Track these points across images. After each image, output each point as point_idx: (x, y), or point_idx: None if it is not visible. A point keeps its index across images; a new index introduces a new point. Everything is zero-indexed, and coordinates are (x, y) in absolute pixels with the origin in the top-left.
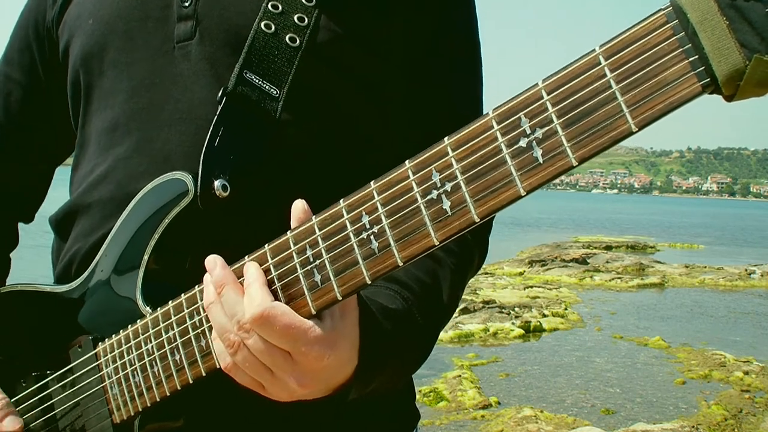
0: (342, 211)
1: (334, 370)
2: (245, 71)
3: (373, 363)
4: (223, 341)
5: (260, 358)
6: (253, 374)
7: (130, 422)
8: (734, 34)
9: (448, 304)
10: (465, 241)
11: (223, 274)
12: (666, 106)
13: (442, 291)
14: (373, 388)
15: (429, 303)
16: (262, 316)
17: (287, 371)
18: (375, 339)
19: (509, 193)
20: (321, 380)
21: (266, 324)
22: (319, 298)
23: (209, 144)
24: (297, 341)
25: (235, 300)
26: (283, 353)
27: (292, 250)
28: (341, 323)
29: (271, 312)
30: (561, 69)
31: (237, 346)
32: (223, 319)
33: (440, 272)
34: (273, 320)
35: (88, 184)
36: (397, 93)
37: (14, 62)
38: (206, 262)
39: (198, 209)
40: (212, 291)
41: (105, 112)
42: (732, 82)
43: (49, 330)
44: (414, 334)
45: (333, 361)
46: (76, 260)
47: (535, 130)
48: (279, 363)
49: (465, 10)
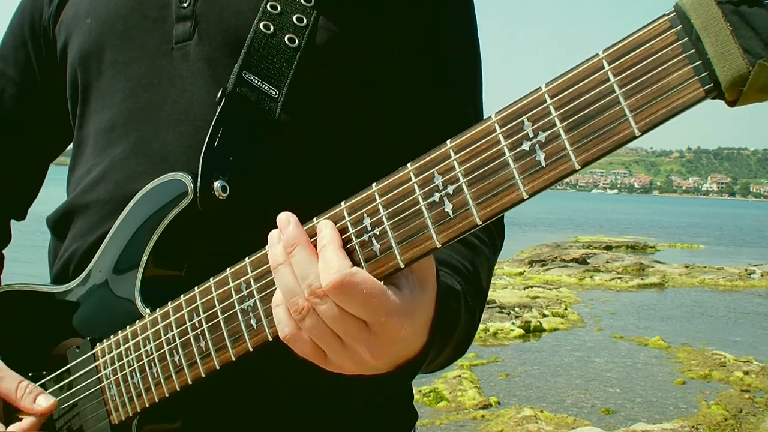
0: (343, 212)
1: (407, 342)
2: (244, 72)
3: (440, 341)
4: (290, 306)
5: (331, 326)
6: (321, 342)
7: (128, 423)
8: (738, 39)
9: (485, 292)
10: (489, 230)
11: (296, 233)
12: (669, 111)
13: (481, 279)
14: (433, 367)
15: (475, 289)
16: (343, 282)
17: (361, 341)
18: (446, 317)
19: (512, 196)
20: (393, 352)
21: (346, 291)
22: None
23: (208, 145)
24: (378, 310)
25: (308, 261)
26: (358, 322)
27: None
28: (421, 295)
29: (352, 279)
30: (564, 73)
31: (306, 312)
32: (292, 282)
33: (477, 260)
34: (353, 288)
35: (86, 185)
36: (396, 92)
37: (9, 59)
38: (279, 220)
39: (197, 210)
40: (281, 251)
41: (103, 112)
42: (735, 87)
43: (47, 330)
44: (468, 318)
45: (409, 332)
46: (73, 260)
47: (538, 133)
48: (353, 332)
49: (462, 8)
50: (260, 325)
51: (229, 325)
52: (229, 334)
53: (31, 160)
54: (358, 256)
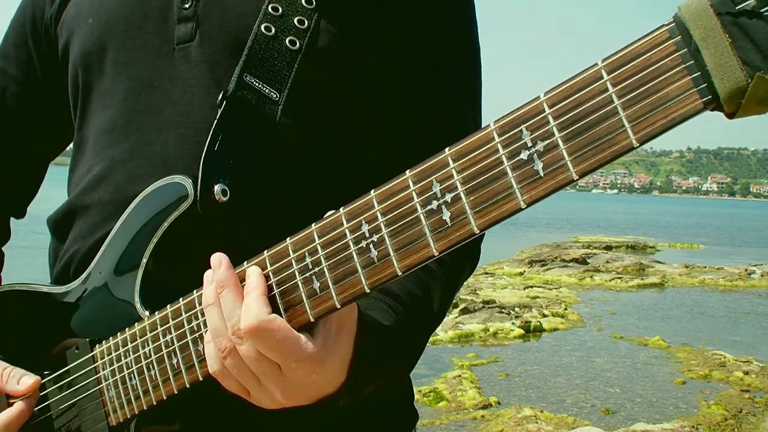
0: (342, 219)
1: (320, 385)
2: (245, 74)
3: (361, 378)
4: (216, 344)
5: (250, 366)
6: (241, 380)
7: (126, 425)
8: (737, 51)
9: (438, 314)
10: (456, 252)
11: (226, 276)
12: (667, 122)
13: (432, 303)
14: (359, 394)
15: (419, 316)
16: (258, 328)
17: (274, 382)
18: (366, 359)
19: (510, 205)
20: (305, 393)
21: (260, 336)
22: (317, 305)
23: (209, 148)
24: (288, 356)
25: (233, 304)
26: (272, 364)
27: (291, 257)
28: (335, 341)
29: (267, 326)
30: (563, 82)
31: (228, 351)
32: (219, 322)
33: (432, 284)
34: (267, 333)
35: (86, 185)
36: (396, 94)
37: (10, 57)
38: (211, 260)
39: (197, 213)
40: (212, 291)
41: (103, 112)
42: (734, 99)
43: (46, 331)
44: (403, 349)
45: (320, 377)
46: (74, 261)
47: (537, 143)
48: (267, 373)
49: (462, 8)
50: None
51: None
52: None
53: (32, 158)
54: (356, 262)
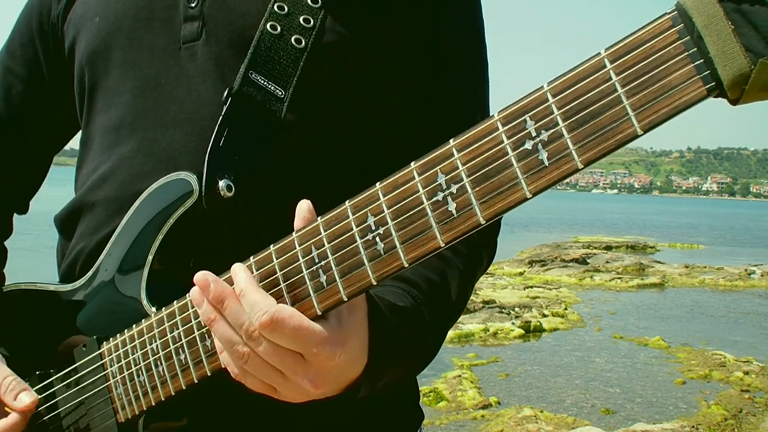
0: (348, 212)
1: (345, 367)
2: (251, 72)
3: (382, 359)
4: (232, 354)
5: (271, 362)
6: (265, 379)
7: (134, 421)
8: (739, 38)
9: (456, 303)
10: (473, 242)
11: (221, 290)
12: (671, 110)
13: (450, 290)
14: (382, 384)
15: (437, 301)
16: (272, 320)
17: (299, 373)
18: (384, 336)
19: (515, 195)
20: (333, 379)
21: (275, 328)
22: (325, 299)
23: (214, 144)
24: (308, 342)
25: (239, 311)
26: (294, 355)
27: (297, 250)
28: (349, 321)
29: (279, 315)
30: (566, 72)
31: (247, 356)
32: (230, 333)
33: (449, 272)
34: (281, 323)
35: (93, 183)
36: (401, 92)
37: (17, 55)
38: (197, 281)
39: (202, 209)
40: (210, 308)
41: (110, 111)
42: (737, 86)
43: (53, 329)
44: (422, 331)
45: (344, 359)
46: (80, 259)
47: (541, 132)
48: (290, 365)
49: (467, 7)
50: None
51: None
52: None
53: (35, 155)
54: (363, 255)
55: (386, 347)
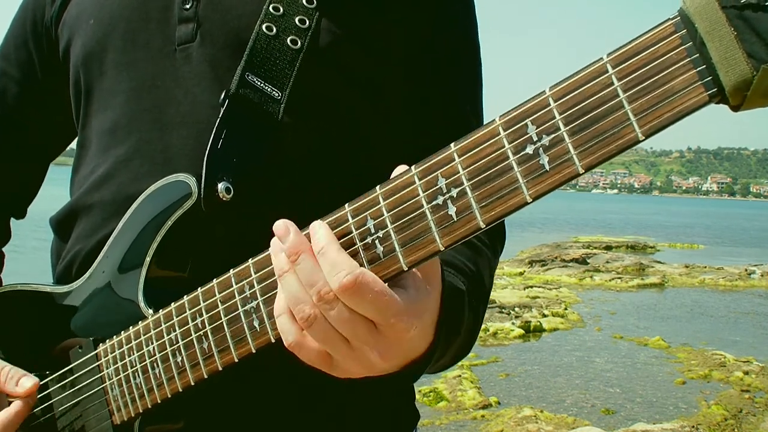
0: (347, 215)
1: (415, 342)
2: (247, 73)
3: (446, 341)
4: (296, 313)
5: (340, 329)
6: (328, 347)
7: (130, 423)
8: (742, 44)
9: (488, 292)
10: (489, 233)
11: (299, 241)
12: (673, 115)
13: (484, 279)
14: (437, 368)
15: (478, 290)
16: (356, 283)
17: (370, 342)
18: (451, 317)
19: (515, 199)
20: (402, 352)
21: (358, 292)
22: None
23: (212, 146)
24: (388, 310)
25: (313, 269)
26: (367, 324)
27: None
28: (426, 296)
29: (364, 279)
30: (568, 77)
31: (313, 319)
32: (299, 290)
33: (480, 261)
34: (365, 287)
35: (89, 185)
36: (397, 93)
37: (11, 58)
38: (276, 228)
39: (201, 212)
40: (285, 259)
41: (106, 113)
42: (739, 92)
43: (49, 330)
44: (472, 318)
45: (417, 332)
46: (77, 261)
47: (542, 137)
48: (361, 334)
49: (462, 8)
50: (263, 326)
51: (232, 326)
52: (231, 335)
53: (32, 159)
54: (362, 258)
55: (451, 328)
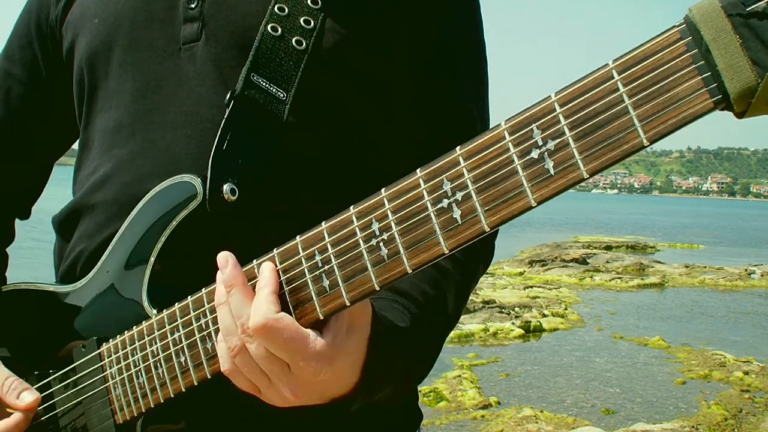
0: (352, 217)
1: (329, 384)
2: (252, 74)
3: (377, 379)
4: (226, 342)
5: (259, 364)
6: (251, 378)
7: (132, 423)
8: (747, 52)
9: (453, 316)
10: (471, 249)
11: (233, 275)
12: (678, 122)
13: (447, 303)
14: (376, 399)
15: (434, 316)
16: (265, 326)
17: (283, 381)
18: (381, 359)
19: (520, 203)
20: (315, 392)
21: (268, 335)
22: (327, 303)
23: (218, 147)
24: (296, 355)
25: (242, 303)
26: (281, 363)
27: (300, 255)
28: (345, 340)
29: (274, 324)
30: (574, 82)
31: (238, 350)
32: (230, 321)
33: (445, 284)
34: (275, 332)
35: (92, 185)
36: (403, 93)
37: (15, 58)
38: (218, 259)
39: (206, 212)
40: (223, 291)
41: (109, 112)
42: (744, 99)
43: (52, 329)
44: (419, 350)
45: (329, 376)
46: (80, 260)
47: (547, 141)
48: (276, 372)
49: (468, 9)
50: None
51: None
52: None
53: (36, 159)
54: (366, 260)
55: (382, 368)
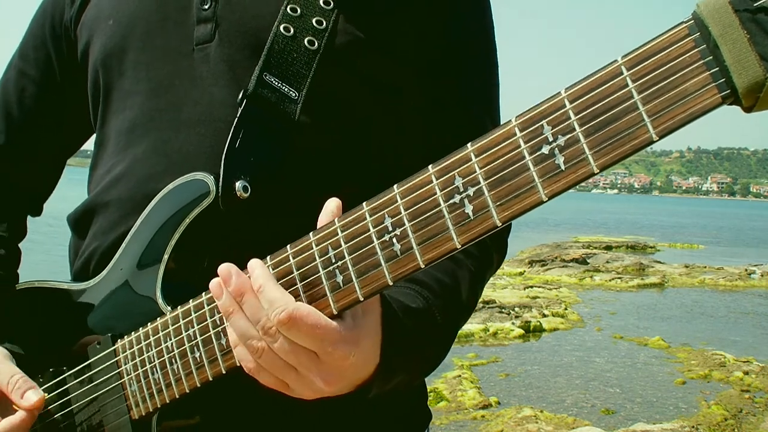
0: (365, 213)
1: (358, 367)
2: (265, 73)
3: (394, 360)
4: (248, 347)
5: (286, 358)
6: (279, 375)
7: (148, 418)
8: (755, 47)
9: (467, 304)
10: (483, 243)
11: (241, 282)
12: (687, 116)
13: (461, 291)
14: (393, 385)
15: (448, 302)
16: (290, 317)
17: (313, 370)
18: (396, 337)
19: (532, 198)
20: (345, 378)
21: (293, 325)
22: (341, 299)
23: (230, 145)
24: (323, 341)
25: (257, 307)
26: (308, 353)
27: (314, 251)
28: (364, 321)
29: (297, 313)
30: (583, 78)
31: (262, 351)
32: (246, 326)
33: (459, 273)
34: (299, 321)
35: (107, 183)
36: (413, 94)
37: (29, 58)
38: (221, 272)
39: (219, 210)
40: (230, 300)
41: (124, 112)
42: (752, 94)
43: (67, 326)
44: (434, 332)
45: (357, 358)
46: (94, 258)
47: (558, 137)
48: (305, 362)
49: (478, 9)
50: None
51: None
52: None
53: (49, 157)
54: (379, 256)
55: (398, 348)
